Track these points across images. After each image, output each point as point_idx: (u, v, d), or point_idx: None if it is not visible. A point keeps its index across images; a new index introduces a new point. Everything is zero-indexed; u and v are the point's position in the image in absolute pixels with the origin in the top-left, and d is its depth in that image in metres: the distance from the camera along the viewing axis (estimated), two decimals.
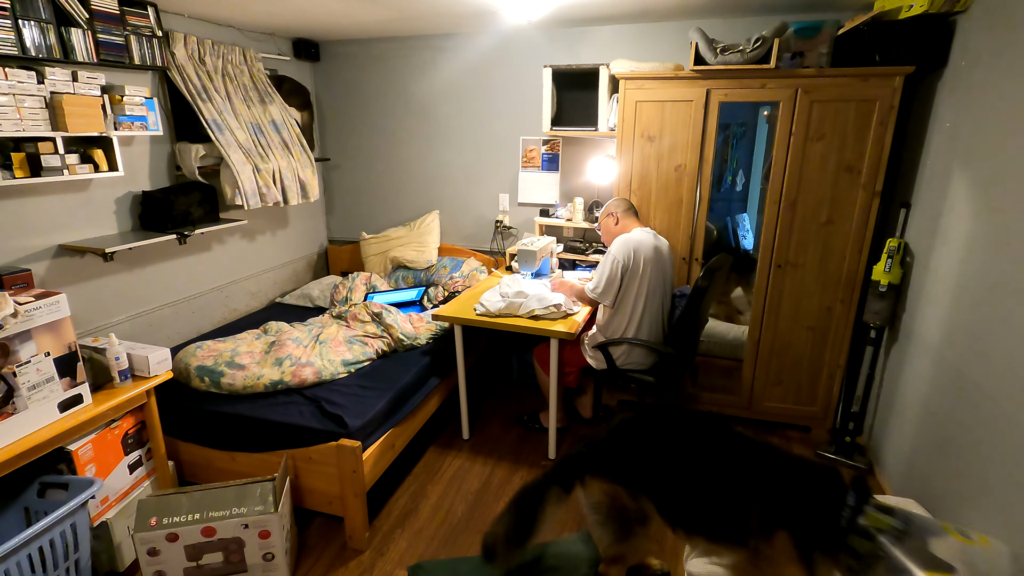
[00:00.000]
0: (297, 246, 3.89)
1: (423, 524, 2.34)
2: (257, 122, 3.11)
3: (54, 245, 2.39)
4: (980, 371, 1.82)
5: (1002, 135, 1.83)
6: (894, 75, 2.34)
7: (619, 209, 2.66)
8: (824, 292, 2.70)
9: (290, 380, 2.39)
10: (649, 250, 2.47)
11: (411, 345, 2.82)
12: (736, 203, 3.29)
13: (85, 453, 1.87)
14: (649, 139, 2.77)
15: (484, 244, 3.80)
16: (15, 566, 1.55)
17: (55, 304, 1.72)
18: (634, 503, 1.65)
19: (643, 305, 2.49)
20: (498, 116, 3.51)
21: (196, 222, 2.81)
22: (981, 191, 1.93)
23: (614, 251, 2.49)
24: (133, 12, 2.46)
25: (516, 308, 2.58)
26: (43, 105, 2.12)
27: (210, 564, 1.89)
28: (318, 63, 3.80)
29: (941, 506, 1.97)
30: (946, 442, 2.00)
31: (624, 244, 2.48)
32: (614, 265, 2.46)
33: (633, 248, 2.46)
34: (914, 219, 2.46)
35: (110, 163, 2.38)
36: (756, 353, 2.88)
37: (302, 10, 2.76)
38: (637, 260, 2.45)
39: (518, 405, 3.28)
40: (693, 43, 2.53)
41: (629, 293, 2.48)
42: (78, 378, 1.82)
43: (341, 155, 3.97)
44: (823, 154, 2.53)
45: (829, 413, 2.88)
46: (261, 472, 2.21)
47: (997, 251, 1.79)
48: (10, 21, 2.03)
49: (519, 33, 3.30)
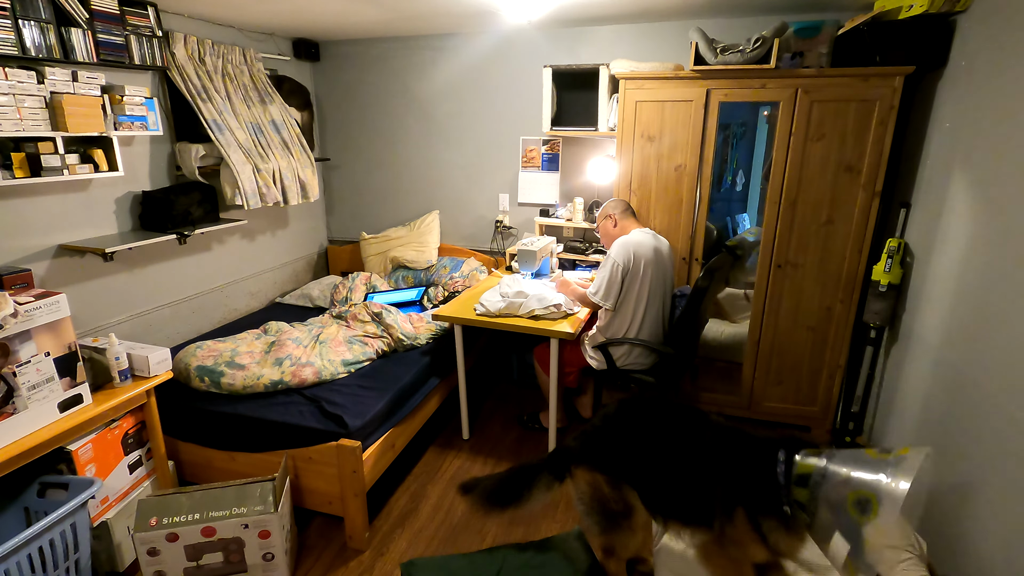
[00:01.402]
0: (297, 246, 3.89)
1: (423, 524, 2.34)
2: (257, 122, 3.11)
3: (54, 245, 2.39)
4: (980, 371, 1.82)
5: (1002, 135, 1.83)
6: (894, 75, 2.34)
7: (617, 211, 2.65)
8: (824, 292, 2.70)
9: (290, 380, 2.39)
10: (649, 251, 2.47)
11: (411, 345, 2.82)
12: (736, 203, 3.29)
13: (85, 453, 1.87)
14: (649, 139, 2.77)
15: (484, 244, 3.80)
16: (15, 566, 1.55)
17: (55, 304, 1.71)
18: (615, 492, 1.69)
19: (644, 306, 2.49)
20: (498, 116, 3.51)
21: (196, 222, 2.81)
22: (981, 191, 1.93)
23: (614, 254, 2.49)
24: (133, 12, 2.46)
25: (516, 308, 2.58)
26: (43, 105, 2.12)
27: (210, 564, 1.89)
28: (318, 63, 3.80)
29: (941, 506, 1.97)
30: (946, 442, 2.00)
31: (624, 247, 2.47)
32: (614, 269, 2.46)
33: (633, 250, 2.45)
34: (914, 219, 2.46)
35: (110, 163, 2.38)
36: (756, 353, 2.88)
37: (302, 10, 2.76)
38: (637, 262, 2.45)
39: (518, 405, 3.28)
40: (693, 43, 2.53)
41: (630, 295, 2.48)
42: (78, 378, 1.82)
43: (341, 155, 3.97)
44: (823, 154, 2.53)
45: (829, 413, 2.88)
46: (261, 472, 2.20)
47: (997, 251, 1.79)
48: (10, 21, 2.03)
49: (519, 33, 3.30)
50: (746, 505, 1.47)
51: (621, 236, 2.56)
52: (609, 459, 1.71)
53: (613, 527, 1.73)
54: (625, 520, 1.71)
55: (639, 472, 1.68)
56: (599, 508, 1.71)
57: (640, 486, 1.68)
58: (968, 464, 1.84)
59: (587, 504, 1.73)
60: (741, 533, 1.48)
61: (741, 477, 1.49)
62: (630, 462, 1.69)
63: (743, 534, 1.48)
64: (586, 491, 1.72)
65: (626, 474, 1.69)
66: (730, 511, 1.49)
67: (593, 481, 1.71)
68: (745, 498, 1.47)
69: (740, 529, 1.48)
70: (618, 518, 1.71)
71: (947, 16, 2.21)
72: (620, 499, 1.69)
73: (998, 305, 1.75)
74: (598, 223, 2.75)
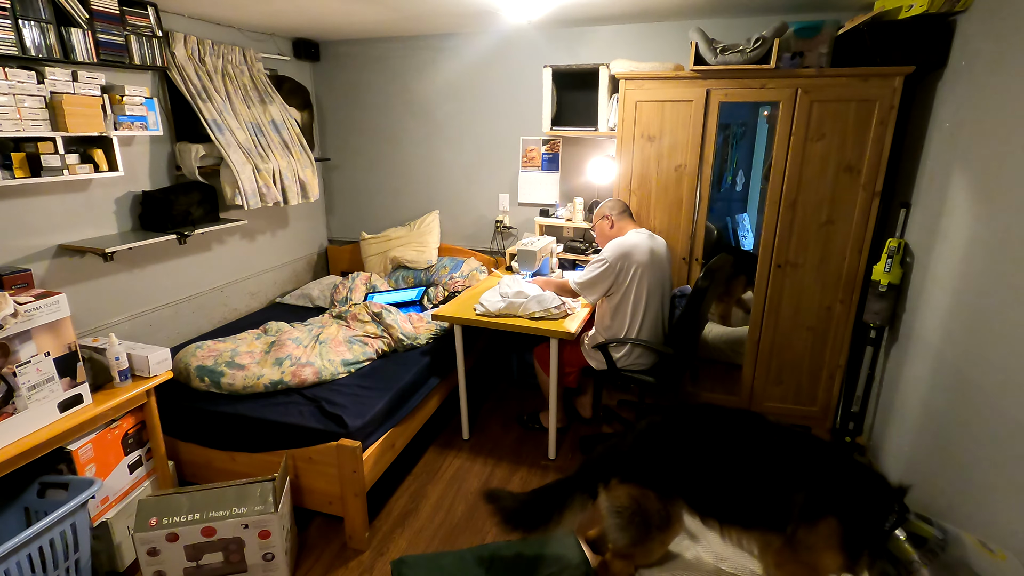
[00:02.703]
0: (297, 246, 3.89)
1: (423, 524, 2.34)
2: (257, 122, 3.11)
3: (54, 245, 2.39)
4: (980, 371, 1.82)
5: (1002, 135, 1.83)
6: (894, 75, 2.34)
7: (614, 212, 2.65)
8: (824, 292, 2.70)
9: (290, 380, 2.39)
10: (644, 254, 2.46)
11: (411, 345, 2.82)
12: (736, 203, 3.29)
13: (85, 453, 1.87)
14: (649, 139, 2.77)
15: (484, 244, 3.80)
16: (15, 566, 1.55)
17: (55, 304, 1.72)
18: (662, 507, 1.66)
19: (643, 308, 2.48)
20: (498, 116, 3.51)
21: (196, 222, 2.81)
22: (981, 191, 1.93)
23: (607, 254, 2.48)
24: (133, 12, 2.46)
25: (516, 308, 2.58)
26: (43, 105, 2.12)
27: (210, 564, 1.89)
28: (318, 63, 3.80)
29: (940, 506, 1.96)
30: (946, 442, 2.00)
31: (618, 247, 2.47)
32: (604, 268, 2.46)
33: (627, 252, 2.45)
34: (914, 219, 2.46)
35: (110, 163, 2.38)
36: (756, 353, 2.88)
37: (302, 10, 2.76)
38: (629, 265, 2.44)
39: (518, 405, 3.28)
40: (693, 43, 2.53)
41: (627, 296, 2.48)
42: (78, 378, 1.82)
43: (341, 155, 3.97)
44: (823, 154, 2.53)
45: (829, 413, 2.88)
46: (261, 472, 2.21)
47: (997, 251, 1.79)
48: (10, 21, 2.03)
49: (519, 33, 3.30)
50: (842, 518, 1.46)
51: (617, 237, 2.56)
52: (662, 472, 1.67)
53: (646, 540, 1.70)
54: (659, 533, 1.69)
55: (694, 479, 1.64)
56: (639, 522, 1.68)
57: (693, 493, 1.65)
58: (968, 464, 1.84)
59: (625, 518, 1.69)
60: (820, 539, 1.47)
61: (844, 491, 1.49)
62: (684, 471, 1.65)
63: (822, 540, 1.47)
64: (628, 506, 1.68)
65: (680, 486, 1.66)
66: (815, 516, 1.48)
67: (640, 496, 1.67)
68: (843, 511, 1.47)
69: (821, 535, 1.47)
70: (653, 531, 1.68)
71: (947, 16, 2.21)
72: (665, 513, 1.66)
73: (998, 305, 1.75)
74: (594, 223, 2.75)
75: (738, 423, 1.68)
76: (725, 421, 1.69)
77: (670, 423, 1.74)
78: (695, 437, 1.68)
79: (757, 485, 1.57)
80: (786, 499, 1.52)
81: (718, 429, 1.68)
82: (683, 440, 1.69)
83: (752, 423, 1.67)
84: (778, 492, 1.54)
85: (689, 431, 1.70)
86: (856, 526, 1.45)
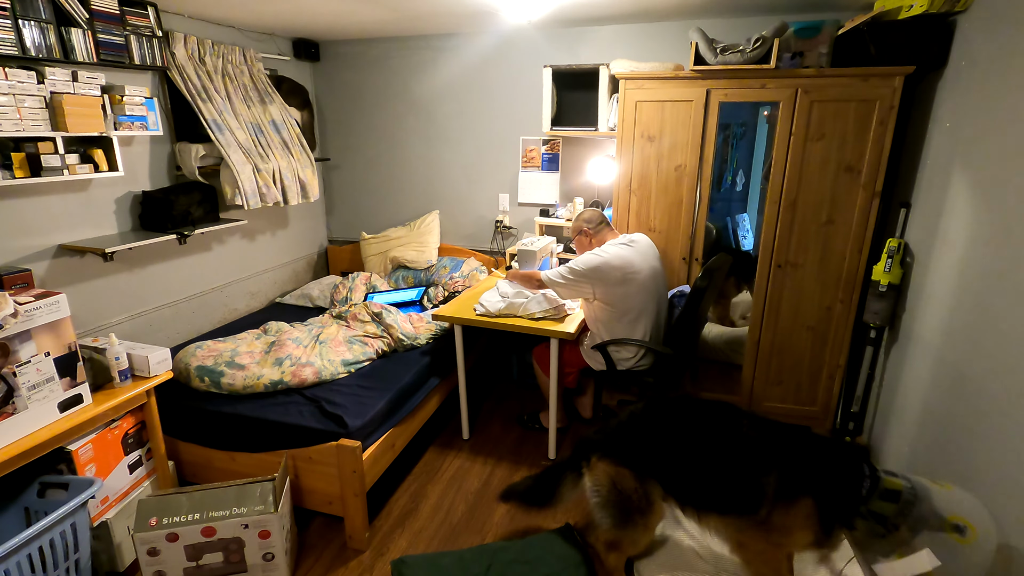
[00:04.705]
0: (297, 246, 3.89)
1: (423, 524, 2.34)
2: (257, 122, 3.11)
3: (54, 245, 2.39)
4: (980, 371, 1.82)
5: (1002, 135, 1.83)
6: (894, 75, 2.34)
7: (591, 224, 2.64)
8: (824, 292, 2.70)
9: (290, 380, 2.39)
10: (626, 264, 2.42)
11: (411, 345, 2.82)
12: (736, 203, 3.29)
13: (85, 453, 1.87)
14: (649, 139, 2.77)
15: (484, 244, 3.80)
16: (15, 566, 1.55)
17: (55, 304, 1.72)
18: (639, 487, 1.72)
19: (636, 315, 2.47)
20: (498, 116, 3.51)
21: (196, 222, 2.81)
22: (981, 191, 1.93)
23: (581, 266, 2.45)
24: (133, 12, 2.46)
25: (516, 308, 2.58)
26: (43, 105, 2.12)
27: (210, 564, 1.89)
28: (318, 63, 3.80)
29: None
30: (946, 442, 2.00)
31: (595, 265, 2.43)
32: (574, 278, 2.45)
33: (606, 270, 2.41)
34: (914, 219, 2.46)
35: (110, 163, 2.38)
36: (756, 353, 2.88)
37: (302, 10, 2.76)
38: (607, 279, 2.41)
39: (518, 405, 3.28)
40: (693, 43, 2.53)
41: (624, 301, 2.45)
42: (78, 378, 1.82)
43: (341, 155, 3.97)
44: (823, 154, 2.53)
45: (829, 413, 2.88)
46: (261, 472, 2.20)
47: (997, 251, 1.79)
48: (10, 21, 2.03)
49: (519, 33, 3.30)
50: (817, 497, 1.51)
51: (596, 248, 2.55)
52: (638, 454, 1.74)
53: (627, 522, 1.76)
54: (641, 517, 1.75)
55: (670, 466, 1.71)
56: (616, 502, 1.74)
57: (669, 480, 1.71)
58: (968, 464, 1.84)
59: (603, 496, 1.76)
60: (795, 519, 1.53)
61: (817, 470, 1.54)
62: (661, 456, 1.72)
63: (797, 520, 1.52)
64: (604, 483, 1.76)
65: (655, 469, 1.72)
66: (789, 497, 1.53)
67: (616, 474, 1.74)
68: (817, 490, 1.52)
69: (796, 516, 1.53)
70: (634, 514, 1.74)
71: (947, 16, 2.21)
72: (643, 494, 1.72)
73: (998, 305, 1.75)
74: (573, 237, 2.74)
75: (711, 412, 1.75)
76: (699, 410, 1.77)
77: (649, 411, 1.83)
78: (670, 424, 1.76)
79: (728, 469, 1.63)
80: (757, 482, 1.58)
81: (692, 417, 1.75)
82: (659, 426, 1.77)
83: (724, 412, 1.74)
84: (749, 475, 1.60)
85: (665, 418, 1.78)
86: (833, 501, 1.51)
